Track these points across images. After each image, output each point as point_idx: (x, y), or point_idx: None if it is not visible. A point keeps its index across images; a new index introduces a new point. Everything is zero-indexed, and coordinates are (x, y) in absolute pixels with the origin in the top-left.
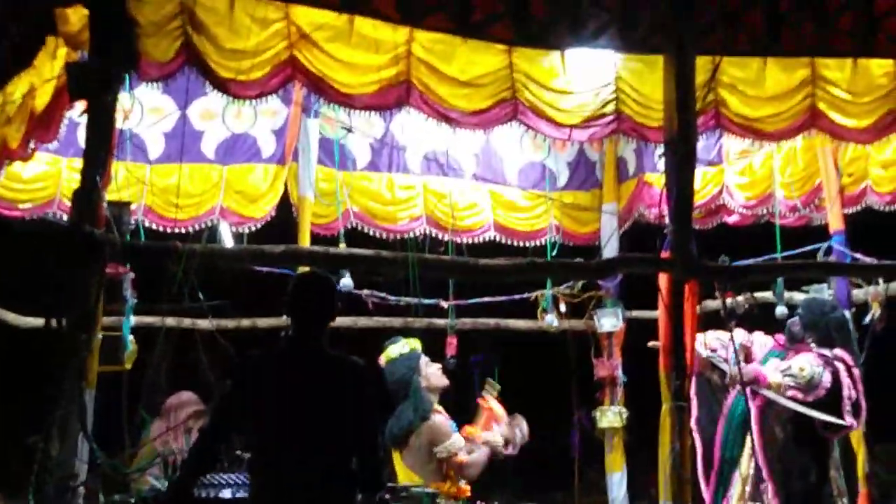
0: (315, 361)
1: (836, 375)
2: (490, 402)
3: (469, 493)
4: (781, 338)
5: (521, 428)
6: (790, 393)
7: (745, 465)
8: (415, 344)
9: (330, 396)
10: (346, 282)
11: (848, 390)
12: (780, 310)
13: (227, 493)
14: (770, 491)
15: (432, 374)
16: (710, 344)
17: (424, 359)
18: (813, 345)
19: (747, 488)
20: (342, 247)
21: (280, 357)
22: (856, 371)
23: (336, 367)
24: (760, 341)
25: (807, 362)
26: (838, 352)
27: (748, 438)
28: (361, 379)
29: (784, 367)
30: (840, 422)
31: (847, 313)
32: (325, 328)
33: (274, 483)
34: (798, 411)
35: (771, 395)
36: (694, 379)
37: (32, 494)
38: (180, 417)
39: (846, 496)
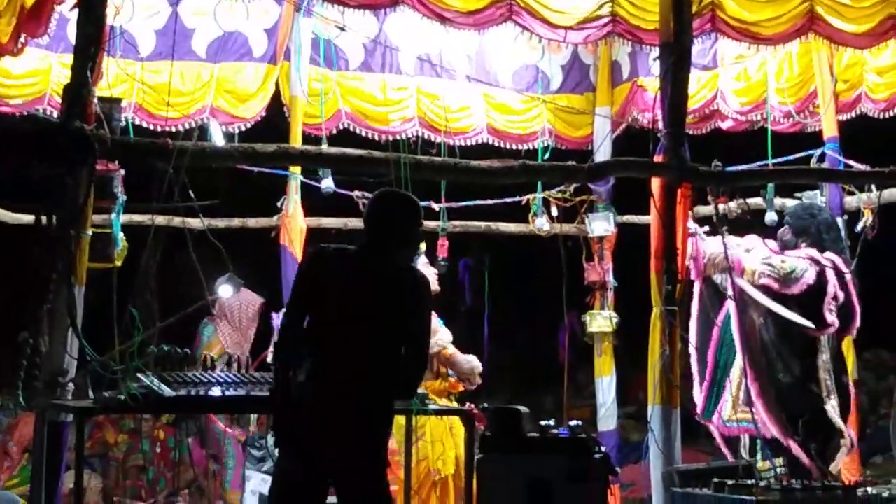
0: (386, 270)
1: (821, 275)
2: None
3: (461, 388)
4: (772, 243)
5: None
6: (763, 281)
7: (738, 372)
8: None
9: (386, 301)
10: (328, 183)
11: (834, 289)
12: (770, 216)
13: (216, 392)
14: (755, 390)
15: (428, 276)
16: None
17: (423, 260)
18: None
19: (740, 393)
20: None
21: (351, 255)
22: (848, 275)
23: (396, 274)
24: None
25: (793, 257)
26: (829, 255)
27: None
28: (419, 290)
29: (766, 256)
30: (804, 322)
31: (839, 220)
32: (401, 247)
33: (323, 375)
34: (779, 309)
35: (742, 282)
36: (698, 282)
37: (21, 390)
38: (248, 316)
39: (836, 396)
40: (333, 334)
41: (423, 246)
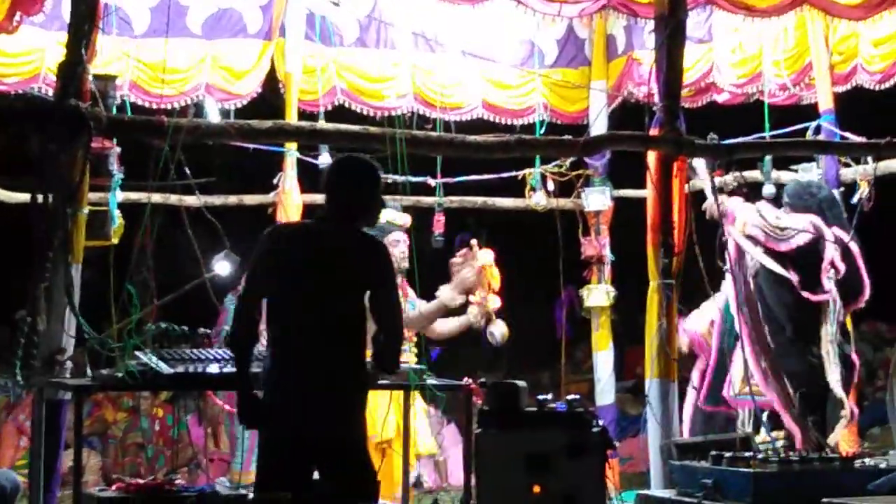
0: (336, 237)
1: (817, 241)
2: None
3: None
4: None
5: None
6: (752, 231)
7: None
8: (396, 218)
9: (348, 271)
10: (325, 158)
11: (831, 258)
12: (768, 189)
13: (214, 368)
14: (753, 360)
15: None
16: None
17: (395, 236)
18: None
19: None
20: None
21: (308, 229)
22: (854, 247)
23: (355, 243)
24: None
25: (793, 216)
26: (835, 230)
27: None
28: (380, 257)
29: (766, 210)
30: (790, 275)
31: (836, 192)
32: (360, 214)
33: (290, 353)
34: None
35: (733, 231)
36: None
37: (19, 368)
38: None
39: (839, 369)
40: (297, 311)
41: (403, 220)
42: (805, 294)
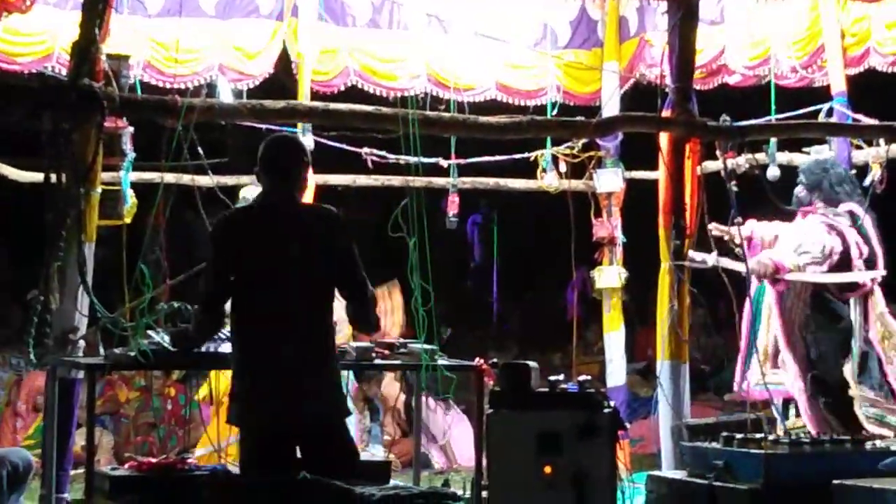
0: (288, 212)
1: (842, 237)
2: None
3: None
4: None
5: None
6: (811, 269)
7: (764, 337)
8: None
9: (307, 244)
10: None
11: (857, 248)
12: (772, 171)
13: (226, 348)
14: (787, 353)
15: None
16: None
17: None
18: (820, 205)
19: (768, 362)
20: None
21: (258, 210)
22: (868, 219)
23: (309, 215)
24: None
25: (815, 233)
26: (846, 206)
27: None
28: (336, 224)
29: (795, 246)
30: (857, 278)
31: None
32: (297, 184)
33: (260, 336)
34: (819, 283)
35: (795, 277)
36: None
37: (32, 347)
38: None
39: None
40: (265, 292)
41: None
42: (845, 295)
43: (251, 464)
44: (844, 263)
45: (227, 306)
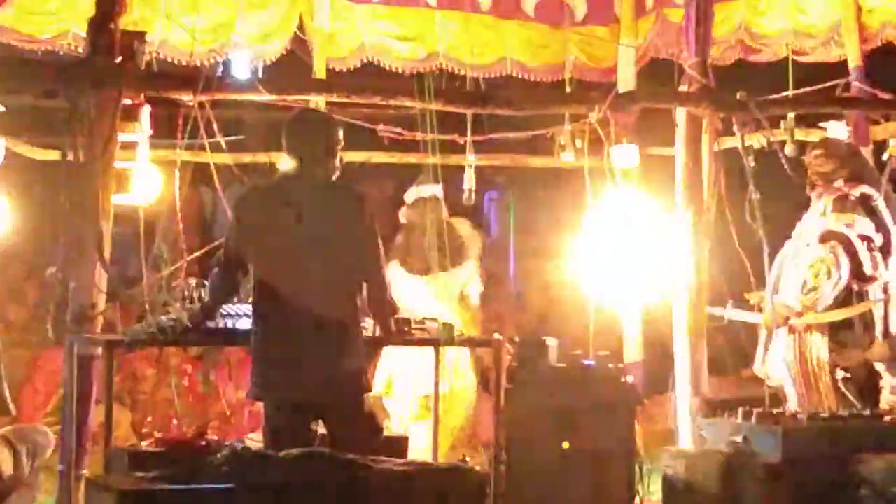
0: (315, 189)
1: (848, 250)
2: None
3: None
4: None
5: None
6: (824, 305)
7: None
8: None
9: (331, 222)
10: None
11: (865, 261)
12: (789, 148)
13: (243, 324)
14: None
15: None
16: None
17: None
18: (840, 182)
19: None
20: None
21: (283, 187)
22: (882, 201)
23: (334, 191)
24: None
25: (817, 263)
26: (864, 189)
27: None
28: (361, 203)
29: (801, 286)
30: (866, 308)
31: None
32: (327, 162)
33: (279, 313)
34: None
35: (813, 319)
36: None
37: (51, 323)
38: None
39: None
40: (287, 268)
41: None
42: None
43: (273, 439)
44: (857, 270)
45: (240, 277)
